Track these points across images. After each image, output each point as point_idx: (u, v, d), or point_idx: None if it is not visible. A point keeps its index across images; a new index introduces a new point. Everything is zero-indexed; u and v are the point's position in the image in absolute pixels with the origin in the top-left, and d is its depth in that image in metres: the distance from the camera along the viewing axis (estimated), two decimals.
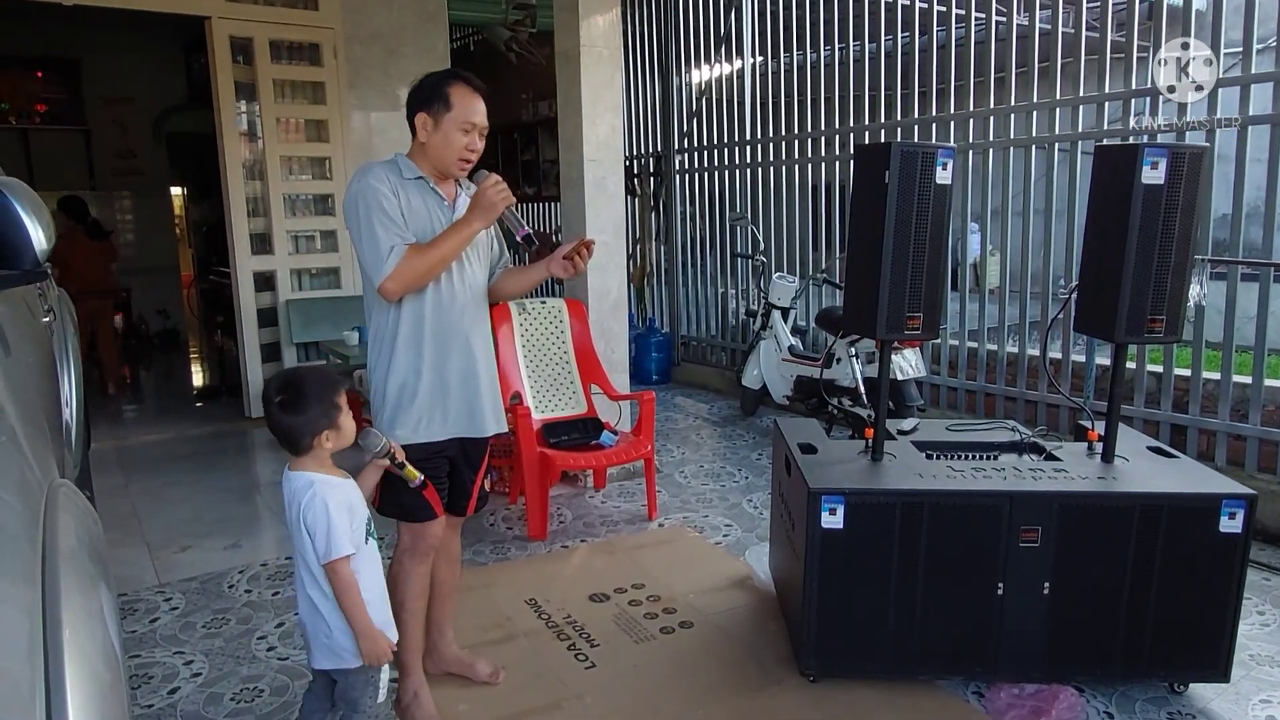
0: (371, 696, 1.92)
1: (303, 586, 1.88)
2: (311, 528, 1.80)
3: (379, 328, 2.21)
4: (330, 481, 1.84)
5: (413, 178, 2.18)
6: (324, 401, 1.83)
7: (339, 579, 1.81)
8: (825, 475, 2.39)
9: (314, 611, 1.86)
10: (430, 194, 2.20)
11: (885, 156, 2.33)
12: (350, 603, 1.83)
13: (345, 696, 1.91)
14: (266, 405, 1.84)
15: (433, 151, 2.17)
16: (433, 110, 2.14)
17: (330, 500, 1.80)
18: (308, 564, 1.84)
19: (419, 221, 2.16)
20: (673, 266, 6.93)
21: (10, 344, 1.58)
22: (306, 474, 1.84)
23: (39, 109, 8.23)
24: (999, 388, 4.62)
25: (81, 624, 1.00)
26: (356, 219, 2.11)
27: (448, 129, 2.14)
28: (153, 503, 4.08)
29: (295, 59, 5.53)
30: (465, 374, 2.24)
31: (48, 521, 1.12)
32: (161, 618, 2.93)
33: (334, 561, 1.80)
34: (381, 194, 2.09)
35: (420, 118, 2.16)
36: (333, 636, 1.86)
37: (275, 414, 1.82)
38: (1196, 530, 2.26)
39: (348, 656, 1.87)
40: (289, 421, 1.81)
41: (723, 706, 2.36)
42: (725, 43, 6.31)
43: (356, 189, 2.11)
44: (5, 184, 1.64)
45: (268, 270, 5.55)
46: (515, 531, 3.67)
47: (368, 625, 1.85)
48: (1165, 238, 2.31)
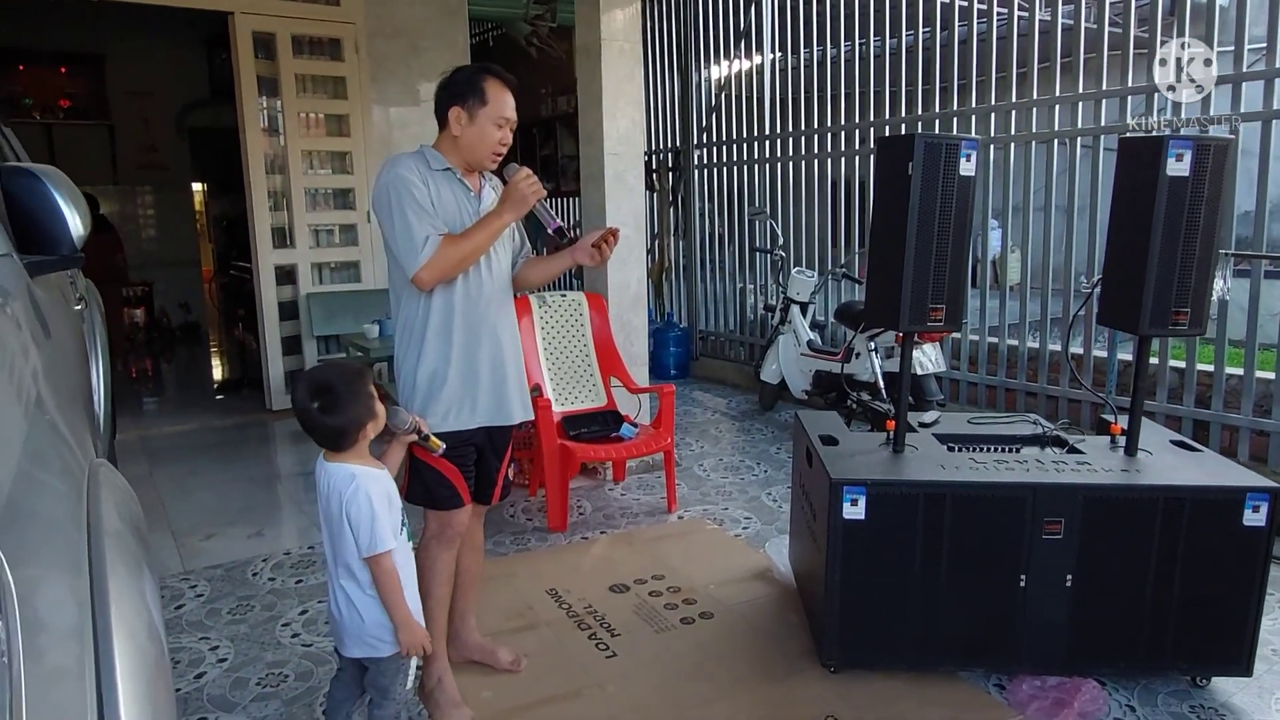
0: (401, 684, 1.94)
1: (334, 578, 1.90)
2: (355, 521, 1.81)
3: (409, 317, 2.22)
4: (371, 474, 1.86)
5: (441, 169, 2.19)
6: (360, 396, 1.84)
7: (381, 571, 1.83)
8: (847, 466, 2.40)
9: (348, 603, 1.88)
10: (458, 185, 2.22)
11: (909, 148, 2.34)
12: (391, 595, 1.84)
13: (376, 684, 1.93)
14: (303, 411, 1.82)
15: (466, 145, 2.18)
16: (467, 104, 2.15)
17: (373, 493, 1.82)
18: (342, 556, 1.86)
19: (448, 213, 2.17)
20: (691, 261, 6.93)
21: (50, 329, 1.61)
22: (347, 466, 1.85)
23: (63, 104, 8.31)
24: (1020, 383, 4.61)
25: (127, 601, 1.02)
26: (388, 210, 2.11)
27: (482, 123, 2.16)
28: (177, 492, 4.13)
29: (317, 54, 5.57)
30: (494, 362, 2.26)
31: (90, 500, 1.14)
32: (187, 604, 2.97)
33: (377, 555, 1.81)
34: (412, 184, 2.10)
35: (454, 111, 2.16)
36: (365, 627, 1.87)
37: (316, 418, 1.81)
38: (1220, 523, 2.25)
39: (381, 646, 1.89)
40: (331, 423, 1.82)
41: (745, 696, 2.37)
42: (745, 38, 6.31)
43: (387, 179, 2.12)
44: (44, 172, 1.68)
45: (289, 264, 5.60)
46: (535, 523, 3.69)
47: (408, 617, 1.87)
48: (1190, 230, 2.31)
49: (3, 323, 1.31)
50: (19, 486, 0.94)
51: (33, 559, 0.90)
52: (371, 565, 1.83)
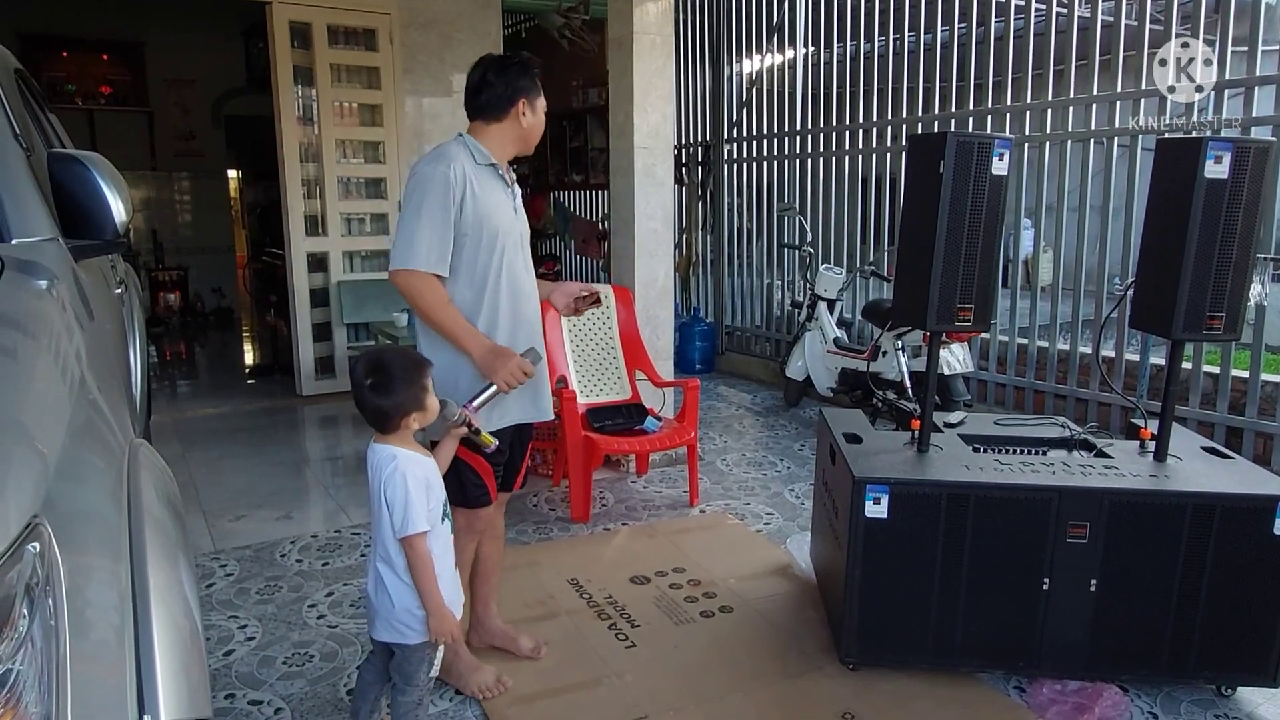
0: (426, 671, 1.97)
1: (373, 559, 1.93)
2: (391, 501, 1.84)
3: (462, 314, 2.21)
4: (413, 458, 1.89)
5: (485, 164, 2.22)
6: (412, 384, 1.88)
7: (415, 554, 1.85)
8: (870, 464, 2.39)
9: (379, 585, 1.91)
10: (499, 180, 2.26)
11: (940, 147, 2.32)
12: (424, 579, 1.86)
13: (401, 670, 1.96)
14: (356, 385, 1.88)
15: (530, 134, 2.27)
16: (531, 95, 2.24)
17: (410, 475, 1.85)
18: (382, 537, 1.89)
19: (487, 210, 2.18)
20: (719, 256, 6.92)
21: (93, 312, 1.65)
22: (390, 447, 1.89)
23: (104, 91, 8.46)
24: (1048, 385, 4.56)
25: (164, 577, 1.06)
26: (417, 199, 2.12)
27: (539, 112, 2.28)
28: (209, 474, 4.21)
29: (352, 44, 5.62)
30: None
31: (130, 479, 1.18)
32: (217, 583, 3.03)
33: (410, 537, 1.84)
34: (450, 190, 2.10)
35: (522, 104, 2.23)
36: (394, 611, 1.90)
37: (366, 395, 1.86)
38: (1250, 531, 2.22)
39: (407, 632, 1.91)
40: (378, 403, 1.86)
41: (764, 690, 2.39)
42: (777, 32, 6.28)
43: (431, 171, 2.12)
44: (88, 158, 1.72)
45: (321, 252, 5.68)
46: (558, 513, 3.72)
47: (439, 604, 1.89)
48: (1227, 234, 2.27)
49: (49, 305, 1.35)
50: (64, 463, 0.98)
51: (77, 535, 0.93)
52: (405, 548, 1.86)
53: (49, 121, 2.80)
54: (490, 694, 2.30)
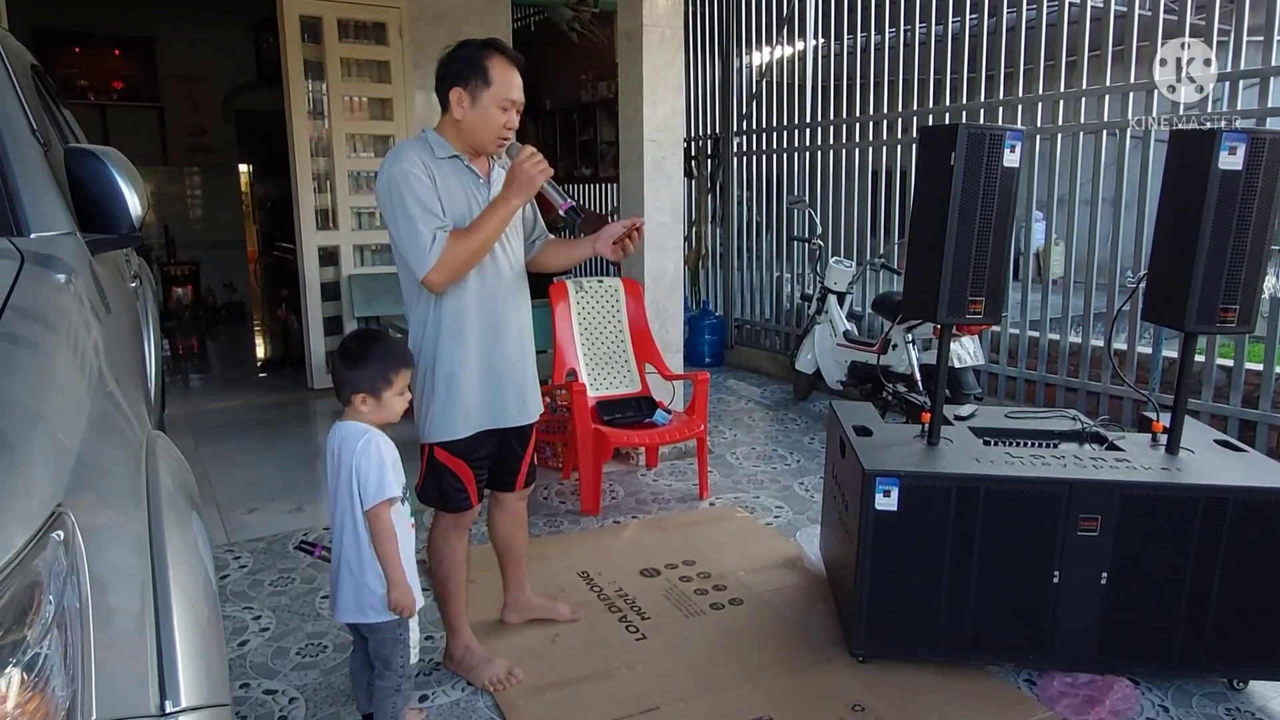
0: (402, 655, 1.98)
1: (336, 544, 1.96)
2: (364, 471, 1.86)
3: (422, 317, 2.14)
4: (384, 436, 1.94)
5: (446, 156, 2.08)
6: (378, 368, 1.91)
7: (380, 524, 1.87)
8: (880, 457, 2.39)
9: (341, 565, 1.94)
10: (465, 173, 2.11)
11: (951, 139, 2.32)
12: (387, 550, 1.88)
13: (378, 655, 1.98)
14: (338, 350, 1.97)
15: (468, 130, 2.06)
16: (470, 85, 2.03)
17: (383, 449, 1.90)
18: (340, 517, 1.92)
19: (456, 205, 2.07)
20: (728, 249, 6.92)
21: (110, 305, 1.67)
22: (360, 424, 1.93)
23: (116, 86, 8.50)
24: (1060, 378, 4.55)
25: (183, 564, 1.07)
26: (392, 208, 2.01)
27: (486, 106, 2.03)
28: (222, 467, 4.24)
29: (362, 38, 5.63)
30: (512, 360, 2.23)
31: (149, 470, 1.19)
32: (231, 575, 3.06)
33: (378, 506, 1.86)
34: (416, 179, 1.99)
35: (455, 93, 2.04)
36: (357, 590, 1.92)
37: (336, 360, 1.95)
38: (1263, 525, 2.22)
39: (370, 611, 1.93)
40: (341, 371, 1.93)
41: (773, 683, 2.39)
42: (787, 24, 6.26)
43: (389, 175, 2.00)
44: (104, 153, 1.74)
45: (331, 245, 5.70)
46: (568, 506, 3.74)
47: (400, 575, 1.90)
48: (1241, 225, 2.26)
49: (68, 298, 1.37)
50: (85, 454, 0.99)
51: (100, 523, 0.95)
52: (371, 520, 1.88)
53: (64, 117, 2.82)
54: (502, 686, 2.31)
